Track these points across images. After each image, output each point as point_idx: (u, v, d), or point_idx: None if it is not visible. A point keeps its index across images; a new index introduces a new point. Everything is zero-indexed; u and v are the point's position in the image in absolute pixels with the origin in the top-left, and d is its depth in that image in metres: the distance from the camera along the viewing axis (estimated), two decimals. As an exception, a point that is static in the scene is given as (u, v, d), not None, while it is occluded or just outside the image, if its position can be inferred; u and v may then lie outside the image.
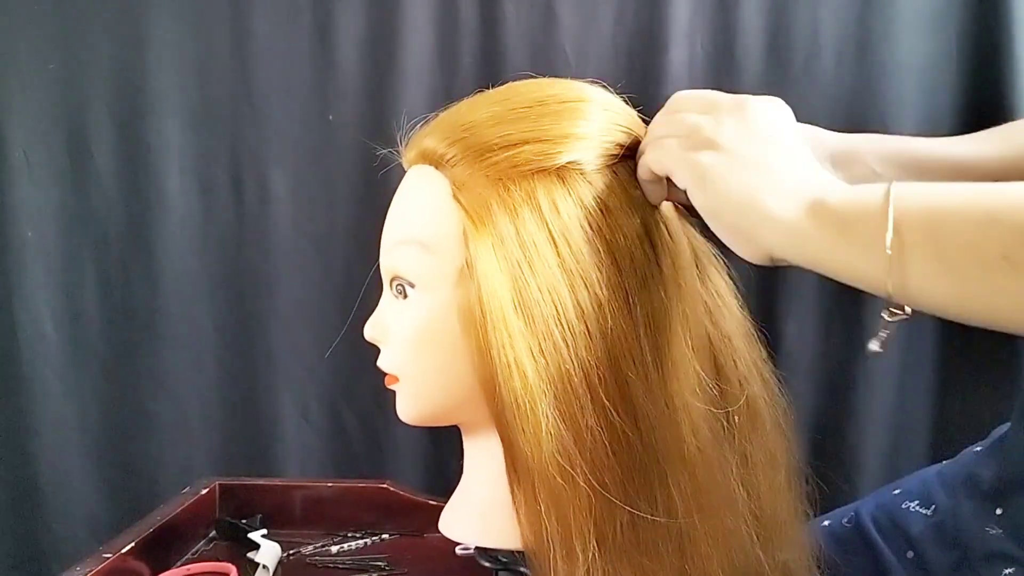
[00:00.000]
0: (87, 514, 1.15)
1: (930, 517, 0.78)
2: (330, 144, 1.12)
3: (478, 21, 1.10)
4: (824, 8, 1.07)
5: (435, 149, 0.60)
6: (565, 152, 0.56)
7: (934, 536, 0.77)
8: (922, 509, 0.79)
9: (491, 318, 0.54)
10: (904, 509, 0.80)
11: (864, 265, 0.47)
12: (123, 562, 0.76)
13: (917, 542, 0.77)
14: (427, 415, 0.64)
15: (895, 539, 0.80)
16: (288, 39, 1.11)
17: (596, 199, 0.57)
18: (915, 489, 0.81)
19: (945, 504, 0.77)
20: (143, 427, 1.16)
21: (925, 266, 0.46)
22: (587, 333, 0.54)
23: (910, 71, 1.06)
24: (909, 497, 0.81)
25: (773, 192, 0.49)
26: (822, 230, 0.48)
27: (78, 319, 1.14)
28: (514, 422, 0.53)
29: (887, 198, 0.46)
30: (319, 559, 0.88)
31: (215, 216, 1.14)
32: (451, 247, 0.57)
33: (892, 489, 0.84)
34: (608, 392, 0.54)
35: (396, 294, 0.62)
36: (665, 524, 0.55)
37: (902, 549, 0.79)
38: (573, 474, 0.53)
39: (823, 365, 1.11)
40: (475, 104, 0.61)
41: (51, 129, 1.12)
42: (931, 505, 0.78)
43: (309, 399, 1.16)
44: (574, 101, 0.60)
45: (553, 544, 0.53)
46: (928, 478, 0.81)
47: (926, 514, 0.78)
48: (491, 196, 0.56)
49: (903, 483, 0.84)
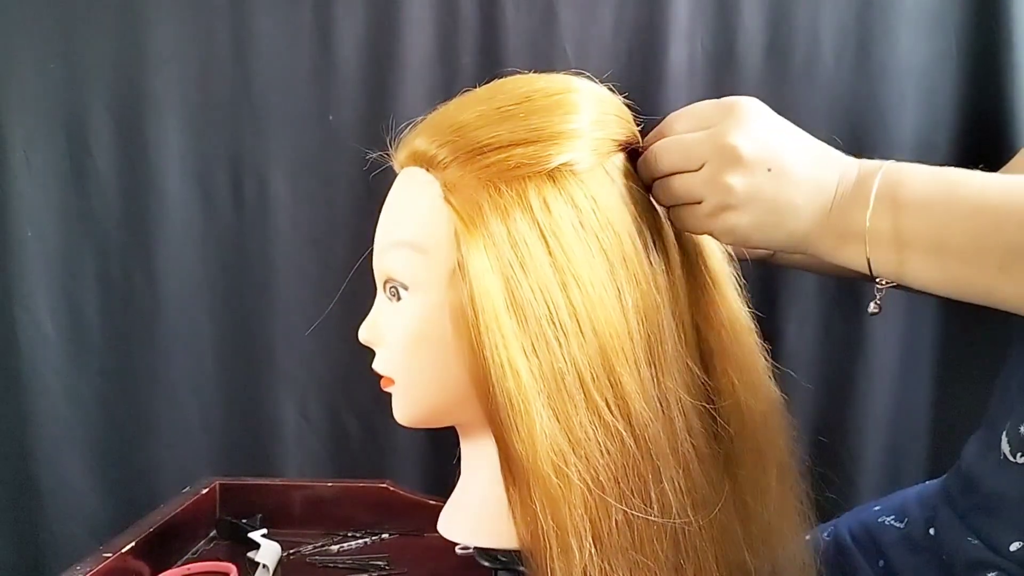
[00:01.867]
0: (87, 514, 1.15)
1: (901, 529, 0.80)
2: (330, 144, 1.12)
3: (478, 21, 1.10)
4: (824, 8, 1.07)
5: (425, 151, 0.60)
6: (556, 154, 0.56)
7: (903, 544, 0.78)
8: (896, 523, 0.81)
9: (484, 318, 0.54)
10: (880, 523, 0.82)
11: (855, 244, 0.53)
12: (123, 562, 0.76)
13: (887, 551, 0.79)
14: (423, 417, 0.64)
15: (869, 550, 0.82)
16: (288, 39, 1.11)
17: (587, 197, 0.57)
18: (893, 506, 0.84)
19: (917, 517, 0.78)
20: (143, 427, 1.16)
21: (922, 257, 0.51)
22: (580, 332, 0.55)
23: (910, 71, 1.06)
24: (886, 513, 0.83)
25: (794, 218, 0.54)
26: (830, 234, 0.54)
27: (78, 319, 1.14)
28: (508, 422, 0.53)
29: (875, 176, 0.52)
30: (319, 559, 0.88)
31: (215, 216, 1.14)
32: (443, 249, 0.58)
33: (873, 506, 0.86)
34: (601, 390, 0.55)
35: (390, 296, 0.62)
36: (660, 521, 0.55)
37: (874, 559, 0.81)
38: (567, 473, 0.53)
39: (823, 365, 1.11)
40: (463, 104, 0.61)
41: (51, 129, 1.12)
42: (904, 519, 0.80)
43: (309, 399, 1.16)
44: (562, 94, 0.60)
45: (549, 543, 0.53)
46: (908, 496, 0.84)
47: (899, 527, 0.80)
48: (482, 197, 0.56)
49: (884, 500, 0.86)
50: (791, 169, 0.54)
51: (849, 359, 1.10)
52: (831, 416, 1.10)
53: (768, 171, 0.53)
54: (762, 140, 0.54)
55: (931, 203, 0.51)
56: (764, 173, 0.53)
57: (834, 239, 0.54)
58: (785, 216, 0.54)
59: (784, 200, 0.54)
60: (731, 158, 0.53)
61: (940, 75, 1.06)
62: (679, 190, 0.57)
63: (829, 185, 0.54)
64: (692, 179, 0.56)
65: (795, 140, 0.56)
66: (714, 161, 0.54)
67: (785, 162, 0.54)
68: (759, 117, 0.55)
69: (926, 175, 0.53)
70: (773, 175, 0.53)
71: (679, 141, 0.57)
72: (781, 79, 1.08)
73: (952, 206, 0.51)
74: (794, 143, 0.55)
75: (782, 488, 0.63)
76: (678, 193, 0.57)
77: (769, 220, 0.55)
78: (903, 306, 1.07)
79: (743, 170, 0.53)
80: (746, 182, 0.53)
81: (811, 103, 1.07)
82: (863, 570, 0.81)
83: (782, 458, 0.63)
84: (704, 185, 0.55)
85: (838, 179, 0.54)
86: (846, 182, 0.54)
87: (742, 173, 0.53)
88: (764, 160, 0.53)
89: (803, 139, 0.56)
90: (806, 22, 1.07)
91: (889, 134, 1.06)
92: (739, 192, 0.54)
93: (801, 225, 0.55)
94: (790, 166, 0.54)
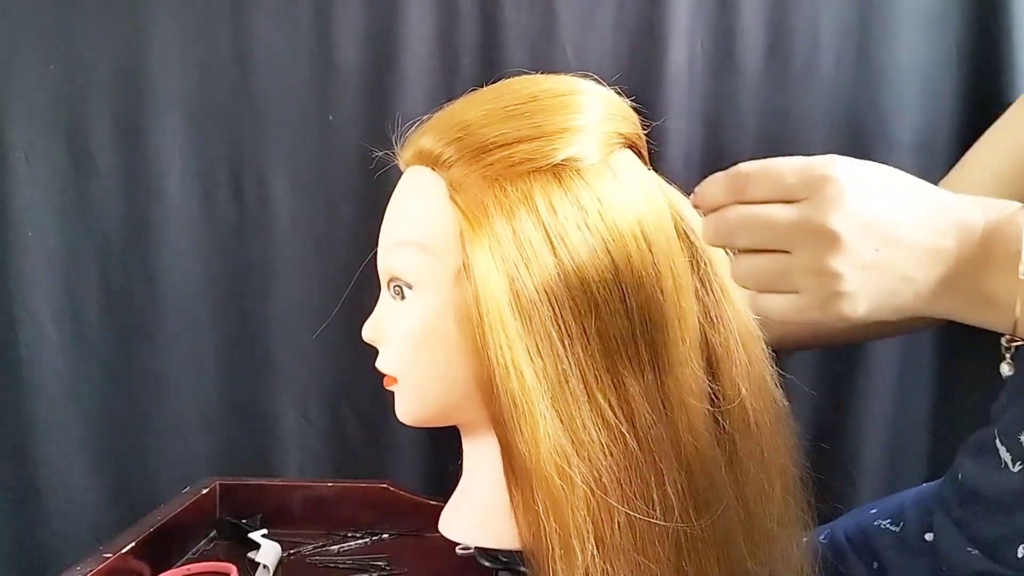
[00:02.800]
0: (87, 514, 1.15)
1: (897, 533, 0.80)
2: (330, 144, 1.12)
3: (478, 21, 1.10)
4: (824, 8, 1.07)
5: (431, 150, 0.60)
6: (561, 148, 0.56)
7: (898, 548, 0.78)
8: (892, 526, 0.81)
9: (488, 319, 0.54)
10: (876, 526, 0.82)
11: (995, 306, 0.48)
12: (123, 562, 0.76)
13: (883, 554, 0.79)
14: (426, 416, 0.65)
15: (864, 552, 0.82)
16: (288, 39, 1.11)
17: (593, 198, 0.57)
18: (890, 509, 0.84)
19: (912, 521, 0.78)
20: (143, 427, 1.15)
21: None
22: (584, 333, 0.55)
23: (910, 71, 1.06)
24: (882, 516, 0.83)
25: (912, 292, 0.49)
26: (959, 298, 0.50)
27: (78, 319, 1.14)
28: (512, 422, 0.54)
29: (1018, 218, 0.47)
30: (319, 559, 0.88)
31: (215, 216, 1.14)
32: (448, 248, 0.58)
33: (870, 509, 0.87)
34: (605, 392, 0.55)
35: (394, 295, 0.62)
36: (662, 523, 0.55)
37: (869, 561, 0.81)
38: (571, 474, 0.53)
39: (823, 365, 1.11)
40: (469, 103, 0.61)
41: (51, 129, 1.11)
42: (900, 523, 0.80)
43: (309, 399, 1.16)
44: (567, 95, 0.60)
45: (551, 544, 0.53)
46: (904, 499, 0.84)
47: (895, 530, 0.80)
48: (487, 197, 0.56)
49: (881, 503, 0.86)
50: (901, 241, 0.48)
51: (849, 361, 1.10)
52: (831, 417, 1.10)
53: (876, 251, 0.48)
54: (863, 217, 0.48)
55: None
56: (872, 254, 0.48)
57: (966, 304, 0.50)
58: (900, 293, 0.49)
59: (899, 276, 0.49)
60: (831, 243, 0.47)
61: (940, 76, 1.06)
62: (769, 274, 0.51)
63: (949, 249, 0.49)
64: (786, 265, 0.50)
65: (900, 203, 0.49)
66: (809, 246, 0.48)
67: (892, 236, 0.48)
68: (855, 184, 0.48)
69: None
70: (881, 255, 0.48)
71: (762, 219, 0.50)
72: (781, 79, 1.08)
73: None
74: (900, 208, 0.49)
75: (784, 495, 0.63)
76: (767, 278, 0.51)
77: (884, 301, 0.49)
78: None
79: (848, 255, 0.47)
80: (854, 267, 0.48)
81: (811, 104, 1.07)
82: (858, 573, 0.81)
83: (785, 465, 0.63)
84: (804, 275, 0.49)
85: (957, 238, 0.49)
86: (969, 240, 0.49)
87: (847, 258, 0.48)
88: (871, 240, 0.48)
89: (908, 198, 0.50)
90: (806, 23, 1.07)
91: (889, 135, 1.06)
92: (848, 279, 0.48)
93: (920, 298, 0.50)
94: (899, 239, 0.48)
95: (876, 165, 0.51)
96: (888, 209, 0.48)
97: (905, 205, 0.49)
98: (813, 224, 0.48)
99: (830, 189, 0.48)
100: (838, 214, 0.47)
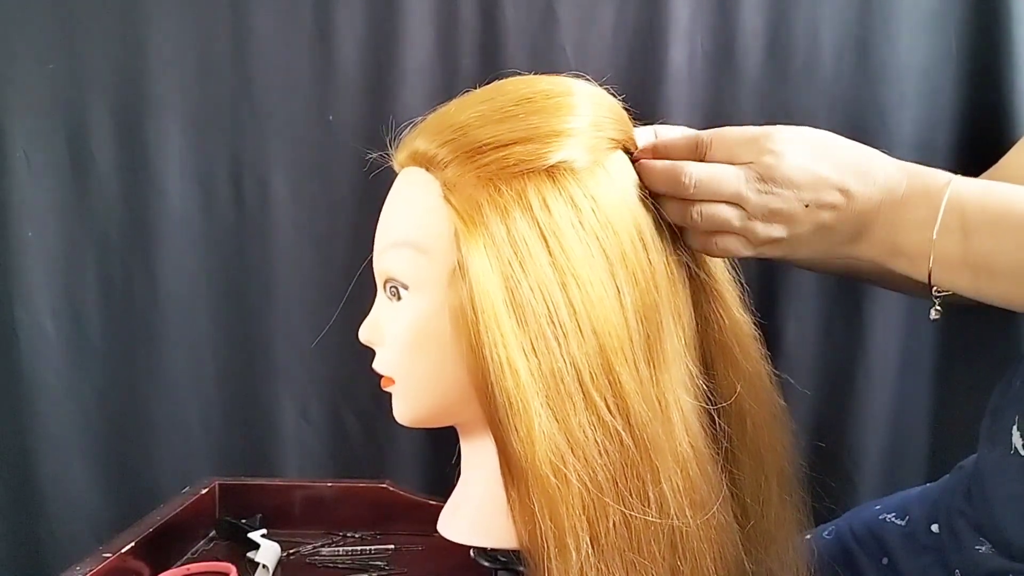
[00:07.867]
0: (87, 514, 1.15)
1: (903, 527, 0.80)
2: (330, 144, 1.12)
3: (478, 21, 1.10)
4: (824, 8, 1.07)
5: (425, 151, 0.60)
6: (555, 151, 0.56)
7: (906, 544, 0.79)
8: (898, 520, 0.81)
9: (483, 318, 0.54)
10: (881, 520, 0.83)
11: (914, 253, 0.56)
12: (123, 562, 0.76)
13: (891, 549, 0.79)
14: (423, 416, 0.65)
15: (871, 547, 0.82)
16: (288, 39, 1.11)
17: (587, 197, 0.57)
18: (895, 504, 0.84)
19: (918, 515, 0.79)
20: (143, 427, 1.16)
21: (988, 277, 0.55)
22: (579, 331, 0.55)
23: (910, 71, 1.06)
24: (888, 511, 0.83)
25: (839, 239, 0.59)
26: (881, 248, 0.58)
27: (78, 319, 1.14)
28: (507, 421, 0.54)
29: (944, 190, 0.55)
30: (319, 559, 0.88)
31: (215, 216, 1.14)
32: (443, 248, 0.58)
33: (874, 505, 0.87)
34: (600, 390, 0.55)
35: (390, 296, 0.63)
36: (657, 521, 0.55)
37: (877, 556, 0.81)
38: (566, 472, 0.53)
39: (823, 365, 1.11)
40: (463, 104, 0.61)
41: (51, 129, 1.11)
42: (905, 516, 0.81)
43: (309, 399, 1.16)
44: (561, 96, 0.60)
45: (547, 543, 0.53)
46: (909, 495, 0.84)
47: (901, 524, 0.80)
48: (482, 196, 0.56)
49: (885, 500, 0.87)
50: (832, 191, 0.57)
51: (849, 359, 1.09)
52: (830, 416, 1.10)
53: (808, 202, 0.57)
54: (799, 172, 0.57)
55: (995, 224, 0.54)
56: (805, 204, 0.57)
57: (886, 253, 0.58)
58: (829, 238, 0.58)
59: (828, 223, 0.58)
60: (771, 195, 0.57)
61: (940, 75, 1.06)
62: (719, 219, 0.59)
63: (872, 200, 0.57)
64: (734, 212, 0.58)
65: (832, 160, 0.58)
66: (753, 198, 0.57)
67: (823, 187, 0.57)
68: (792, 145, 0.57)
69: (981, 192, 0.56)
70: (812, 206, 0.57)
71: (716, 171, 0.58)
72: (781, 79, 1.08)
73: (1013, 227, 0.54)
74: (831, 163, 0.57)
75: (781, 494, 0.63)
76: (718, 223, 0.59)
77: (816, 243, 0.59)
78: (903, 306, 1.07)
79: (785, 203, 0.57)
80: (789, 216, 0.57)
81: (811, 103, 1.07)
82: (866, 569, 0.81)
83: (781, 465, 0.64)
84: (749, 220, 0.58)
85: (881, 197, 0.57)
86: (891, 198, 0.57)
87: (784, 205, 0.57)
88: (804, 192, 0.57)
89: (841, 155, 0.58)
90: (806, 22, 1.07)
91: (889, 134, 1.05)
92: (785, 225, 0.58)
93: (848, 243, 0.59)
94: (830, 190, 0.57)
95: (815, 130, 0.60)
96: (821, 164, 0.57)
97: (836, 161, 0.58)
98: (760, 174, 0.57)
99: (772, 148, 0.57)
100: (777, 170, 0.56)
